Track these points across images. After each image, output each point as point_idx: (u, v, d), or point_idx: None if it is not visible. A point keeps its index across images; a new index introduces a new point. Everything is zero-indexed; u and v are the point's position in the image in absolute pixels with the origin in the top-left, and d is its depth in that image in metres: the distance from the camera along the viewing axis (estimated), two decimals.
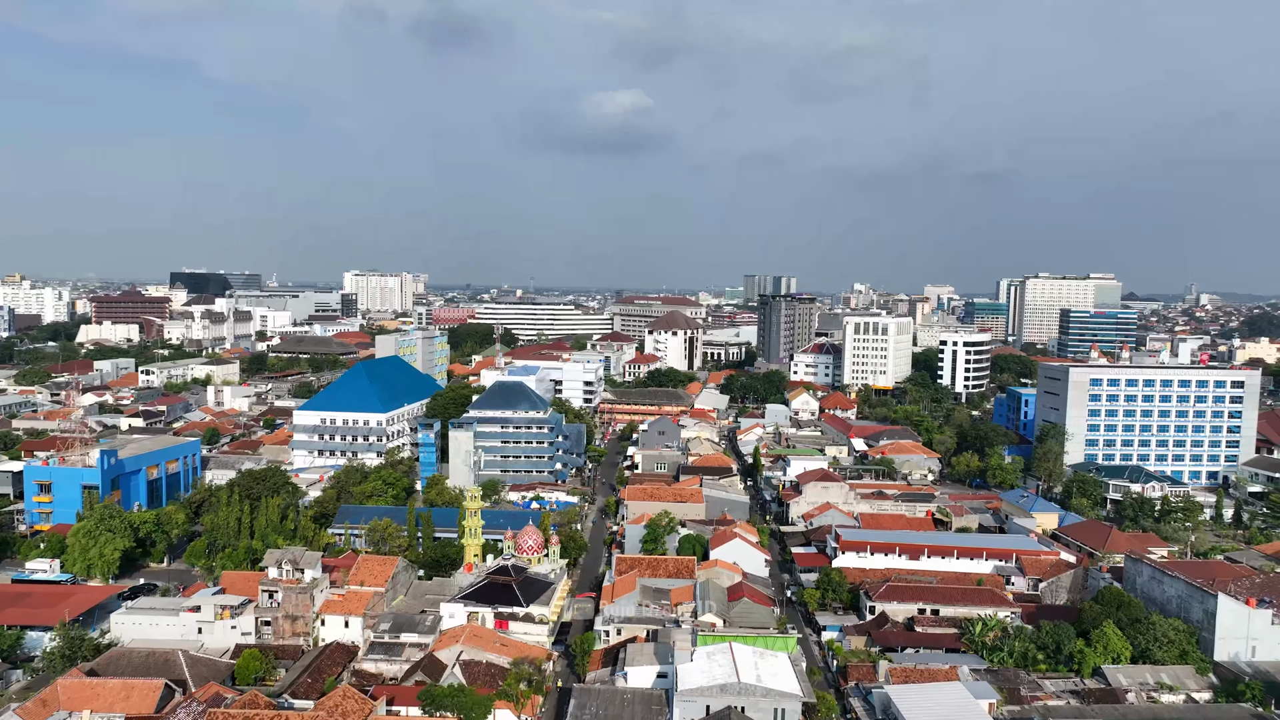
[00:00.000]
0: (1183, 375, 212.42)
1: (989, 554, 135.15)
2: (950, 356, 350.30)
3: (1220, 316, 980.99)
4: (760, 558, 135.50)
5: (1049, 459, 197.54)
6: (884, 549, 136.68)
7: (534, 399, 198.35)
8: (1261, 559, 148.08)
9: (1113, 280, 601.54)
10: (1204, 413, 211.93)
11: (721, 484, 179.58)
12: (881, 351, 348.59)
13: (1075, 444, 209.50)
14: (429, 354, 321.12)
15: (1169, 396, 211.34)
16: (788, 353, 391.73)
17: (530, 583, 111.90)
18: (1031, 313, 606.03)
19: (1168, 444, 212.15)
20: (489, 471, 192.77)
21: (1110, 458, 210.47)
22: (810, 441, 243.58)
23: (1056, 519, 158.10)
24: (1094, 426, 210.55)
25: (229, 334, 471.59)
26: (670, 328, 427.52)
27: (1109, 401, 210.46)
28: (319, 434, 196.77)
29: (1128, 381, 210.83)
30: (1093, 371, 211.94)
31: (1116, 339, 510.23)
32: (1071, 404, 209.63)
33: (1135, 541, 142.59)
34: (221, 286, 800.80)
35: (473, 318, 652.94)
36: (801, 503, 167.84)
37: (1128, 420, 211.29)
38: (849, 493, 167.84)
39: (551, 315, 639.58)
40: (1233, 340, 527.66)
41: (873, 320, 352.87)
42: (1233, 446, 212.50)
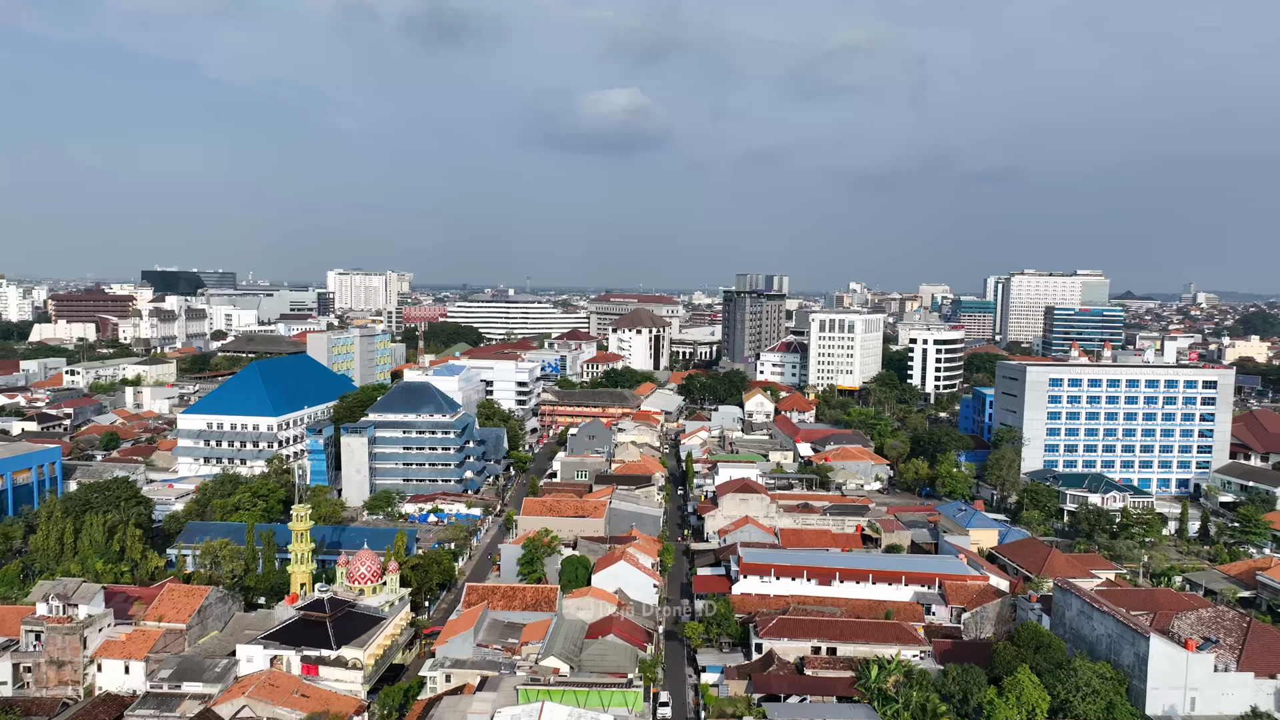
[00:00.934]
0: (1150, 375, 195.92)
1: (909, 579, 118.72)
2: (920, 356, 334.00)
3: (1216, 315, 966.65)
4: (649, 583, 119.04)
5: (1002, 466, 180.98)
6: (791, 572, 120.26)
7: (440, 400, 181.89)
8: (1224, 581, 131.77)
9: (1100, 277, 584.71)
10: (1173, 416, 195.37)
11: (636, 494, 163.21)
12: (848, 350, 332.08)
13: (1033, 449, 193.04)
14: (368, 353, 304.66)
15: (1135, 398, 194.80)
16: (754, 352, 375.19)
17: (351, 619, 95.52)
18: (1017, 310, 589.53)
19: (1134, 449, 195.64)
20: (389, 480, 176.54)
21: (1072, 464, 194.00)
22: (756, 446, 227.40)
23: (996, 535, 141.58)
24: (1054, 431, 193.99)
25: (179, 333, 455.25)
26: (634, 326, 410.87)
27: (1070, 403, 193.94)
28: (205, 440, 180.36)
29: (1090, 382, 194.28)
30: (1052, 370, 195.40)
31: (1102, 337, 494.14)
32: (1029, 406, 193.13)
33: (1078, 564, 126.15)
34: (194, 285, 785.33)
35: (444, 317, 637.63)
36: (718, 517, 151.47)
37: (1090, 424, 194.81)
38: (770, 506, 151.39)
39: (525, 314, 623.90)
40: (1223, 339, 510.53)
41: (839, 318, 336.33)
42: (1205, 452, 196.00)
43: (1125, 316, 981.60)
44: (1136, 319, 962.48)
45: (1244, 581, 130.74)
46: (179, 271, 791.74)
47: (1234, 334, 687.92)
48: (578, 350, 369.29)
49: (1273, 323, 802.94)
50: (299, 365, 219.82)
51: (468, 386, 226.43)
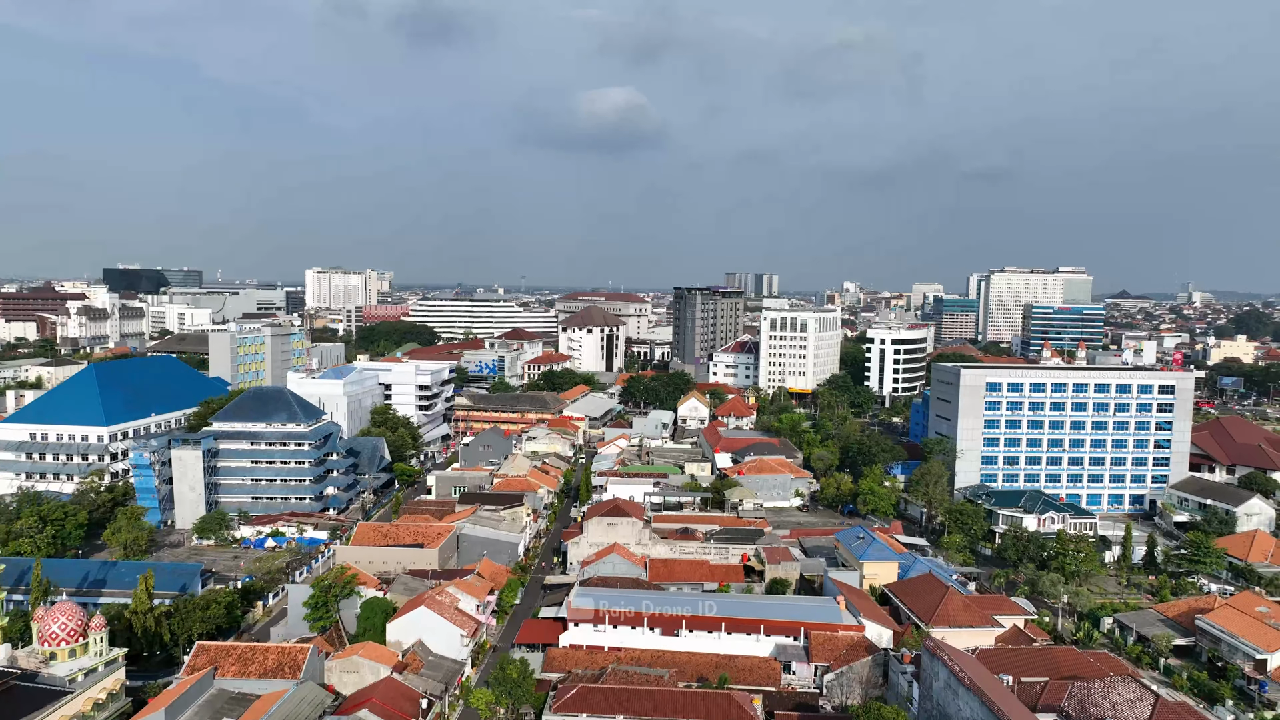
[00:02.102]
0: (1100, 379, 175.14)
1: (770, 628, 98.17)
2: (877, 356, 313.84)
3: (1209, 314, 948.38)
4: (456, 634, 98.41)
5: (928, 482, 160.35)
6: (629, 620, 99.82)
7: (295, 407, 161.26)
8: (1160, 624, 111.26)
9: (1083, 275, 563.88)
10: (1126, 424, 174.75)
11: (501, 516, 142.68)
12: (800, 351, 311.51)
13: (968, 462, 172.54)
14: (282, 354, 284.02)
15: (1083, 405, 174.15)
16: (706, 352, 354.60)
17: (14, 696, 74.94)
18: (997, 309, 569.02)
19: (1082, 462, 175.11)
20: (235, 499, 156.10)
21: (1013, 479, 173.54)
22: (675, 457, 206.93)
23: (895, 570, 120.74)
24: (992, 441, 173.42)
25: (113, 332, 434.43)
26: (585, 325, 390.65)
27: (1010, 411, 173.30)
28: (26, 453, 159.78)
29: (1033, 386, 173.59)
30: (989, 374, 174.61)
31: (1082, 337, 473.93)
32: (963, 413, 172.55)
33: (980, 608, 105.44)
34: (156, 283, 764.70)
35: (406, 316, 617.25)
36: (582, 544, 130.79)
37: (1033, 433, 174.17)
38: (642, 531, 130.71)
39: (491, 313, 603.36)
40: (1208, 339, 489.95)
41: (790, 316, 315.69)
42: (1161, 465, 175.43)
43: (1118, 316, 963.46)
44: (1128, 318, 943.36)
45: (1183, 626, 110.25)
46: (141, 270, 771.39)
47: (1226, 334, 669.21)
48: (518, 350, 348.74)
49: (1265, 322, 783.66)
50: (156, 368, 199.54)
51: (357, 391, 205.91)
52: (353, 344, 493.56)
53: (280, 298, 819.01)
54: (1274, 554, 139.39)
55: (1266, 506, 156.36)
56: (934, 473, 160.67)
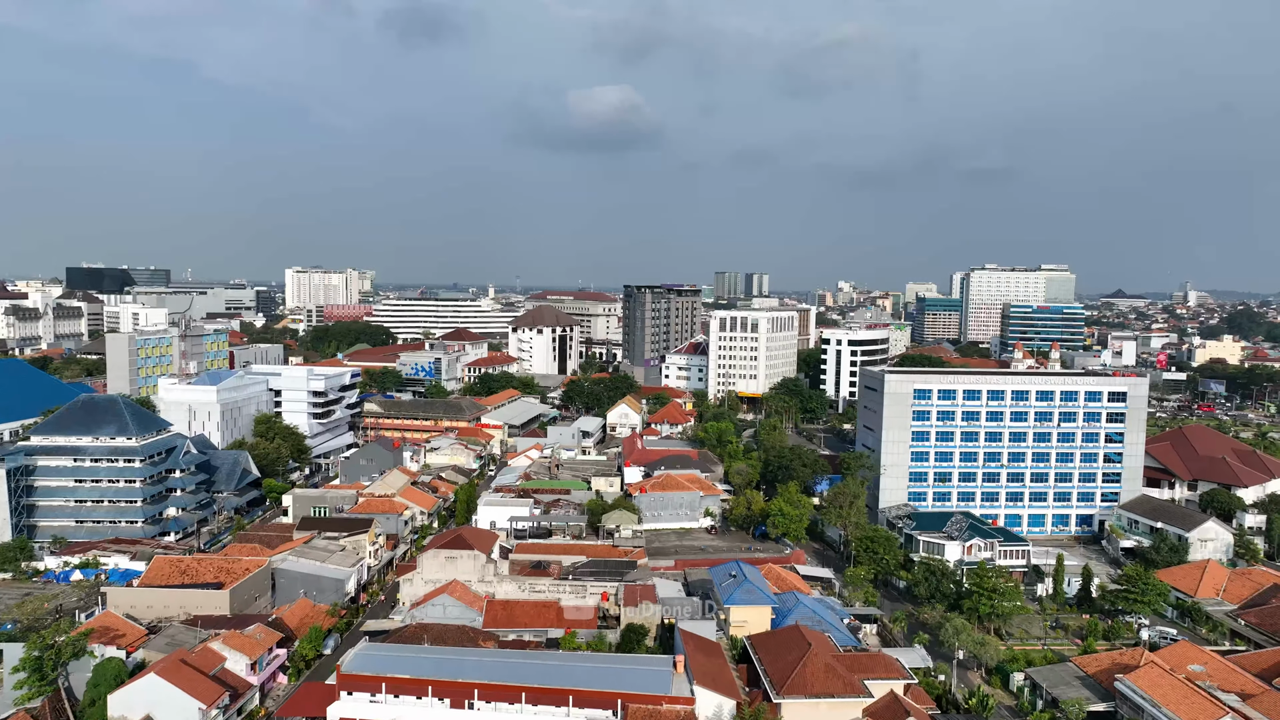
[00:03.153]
0: (1042, 385, 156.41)
1: (580, 699, 79.65)
2: (833, 359, 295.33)
3: (1202, 313, 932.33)
4: (193, 706, 79.91)
5: (843, 502, 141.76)
6: (414, 688, 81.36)
7: (126, 419, 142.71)
8: (1076, 685, 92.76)
9: (1065, 272, 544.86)
10: (1072, 436, 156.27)
11: (340, 545, 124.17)
12: (751, 353, 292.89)
13: (895, 480, 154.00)
14: (194, 357, 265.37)
15: (1023, 414, 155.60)
16: (658, 354, 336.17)
17: None
18: (977, 309, 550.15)
19: (1023, 478, 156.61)
20: (57, 522, 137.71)
21: (945, 498, 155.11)
22: (586, 470, 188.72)
23: (768, 615, 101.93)
24: (921, 455, 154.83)
25: (46, 333, 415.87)
26: (536, 325, 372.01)
27: (942, 420, 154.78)
28: None
29: (966, 394, 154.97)
30: (917, 379, 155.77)
31: (1063, 337, 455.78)
32: (889, 424, 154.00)
33: (847, 670, 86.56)
34: (120, 282, 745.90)
35: (369, 315, 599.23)
36: (416, 582, 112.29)
37: (968, 446, 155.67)
38: (486, 567, 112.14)
39: (456, 313, 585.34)
40: (1192, 339, 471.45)
41: (740, 315, 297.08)
42: (1112, 482, 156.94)
43: (1110, 315, 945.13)
44: (1120, 318, 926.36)
45: (1102, 686, 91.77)
46: (104, 268, 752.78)
47: (1218, 334, 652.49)
48: (459, 352, 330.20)
49: (1258, 322, 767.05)
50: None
51: (236, 398, 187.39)
52: (306, 344, 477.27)
53: (250, 297, 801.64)
54: (1227, 588, 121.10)
55: (1223, 531, 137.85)
56: (848, 492, 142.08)
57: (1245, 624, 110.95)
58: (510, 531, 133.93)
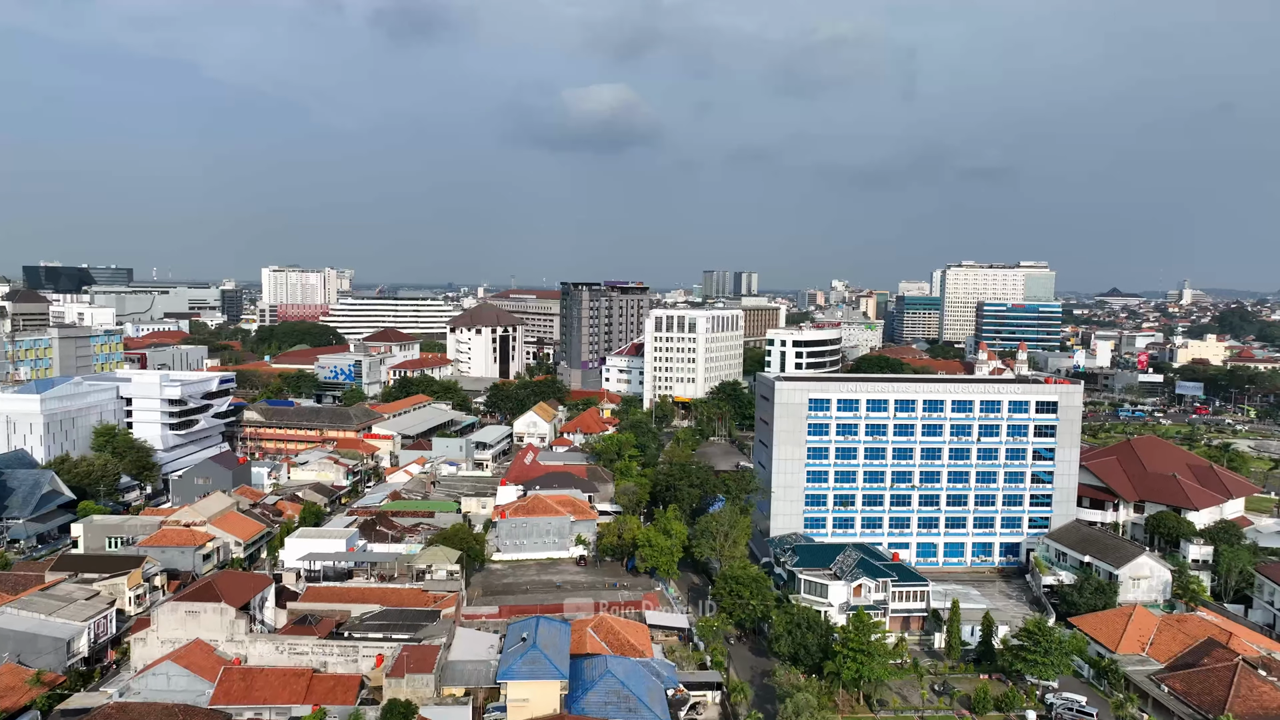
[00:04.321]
0: (959, 394, 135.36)
1: None
2: (777, 360, 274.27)
3: (1195, 312, 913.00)
4: None
5: (716, 531, 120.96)
6: None
7: None
8: None
9: (1045, 269, 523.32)
10: (994, 452, 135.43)
11: (92, 590, 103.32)
12: (689, 355, 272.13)
13: (788, 502, 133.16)
14: (78, 359, 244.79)
15: (937, 427, 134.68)
16: (598, 356, 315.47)
17: None
18: (954, 307, 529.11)
19: (938, 501, 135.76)
20: None
21: (847, 524, 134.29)
22: (463, 488, 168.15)
23: (557, 692, 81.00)
24: (819, 474, 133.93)
25: None
26: (474, 324, 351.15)
27: (843, 435, 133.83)
28: None
29: (871, 404, 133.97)
30: (813, 387, 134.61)
31: (1038, 336, 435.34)
32: (781, 439, 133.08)
33: None
34: (78, 281, 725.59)
35: (325, 315, 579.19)
36: (151, 642, 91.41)
37: (874, 464, 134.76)
38: (237, 623, 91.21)
39: (416, 312, 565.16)
40: (1174, 339, 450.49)
41: (678, 315, 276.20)
42: (1041, 505, 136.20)
43: (1101, 314, 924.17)
44: (1111, 316, 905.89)
45: None
46: (61, 267, 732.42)
47: (1209, 332, 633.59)
48: (383, 354, 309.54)
49: (1250, 320, 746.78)
50: None
51: (67, 408, 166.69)
52: (250, 345, 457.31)
53: (215, 297, 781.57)
54: (1156, 641, 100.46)
55: (1159, 568, 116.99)
56: (722, 520, 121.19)
57: (1168, 690, 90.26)
58: (301, 573, 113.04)
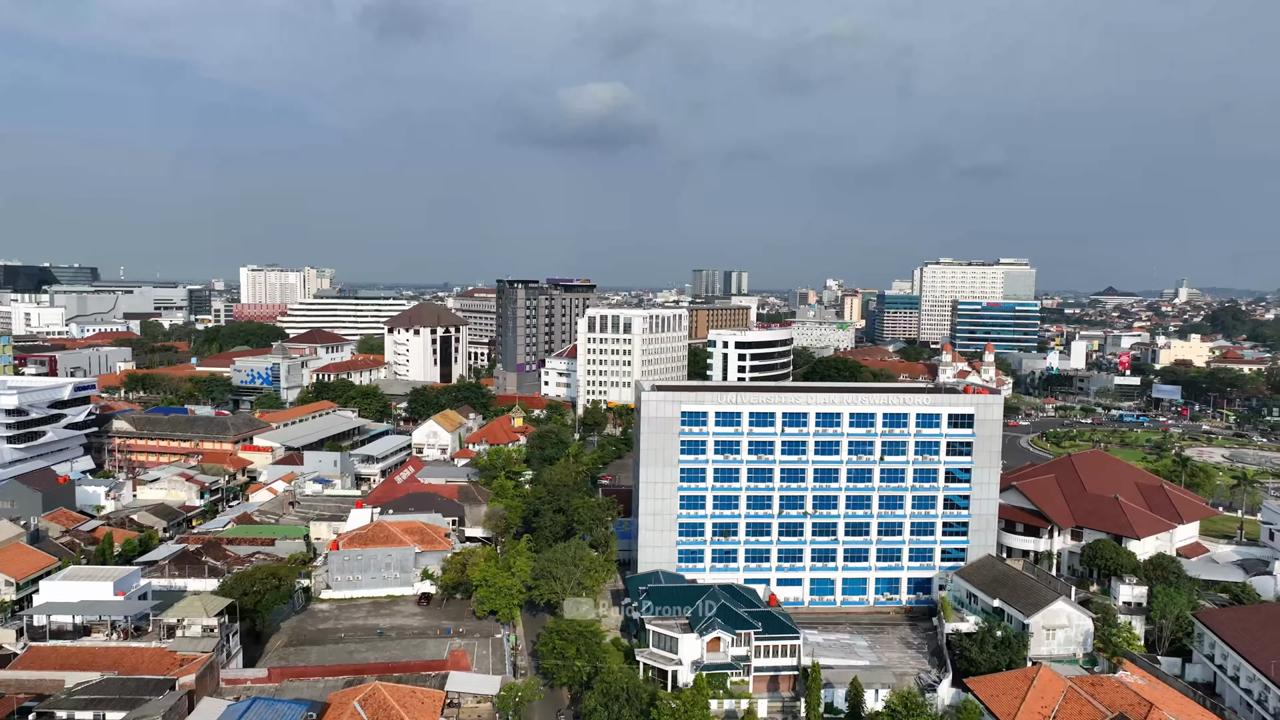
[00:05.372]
0: (860, 405, 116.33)
1: None
2: (719, 363, 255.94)
3: (1188, 311, 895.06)
4: None
5: (556, 571, 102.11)
6: None
7: None
8: None
9: (1025, 266, 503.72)
10: (900, 473, 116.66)
11: None
12: (624, 356, 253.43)
13: (659, 533, 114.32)
14: None
15: (833, 444, 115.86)
16: (536, 358, 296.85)
17: None
18: (931, 305, 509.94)
19: (835, 530, 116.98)
20: None
21: (728, 558, 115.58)
22: (324, 510, 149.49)
23: None
24: (694, 500, 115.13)
25: None
26: (412, 324, 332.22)
27: (723, 454, 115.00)
28: None
29: (755, 418, 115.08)
30: (687, 399, 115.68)
31: (1013, 336, 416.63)
32: (649, 458, 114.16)
33: None
34: (38, 280, 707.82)
35: (283, 315, 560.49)
36: None
37: (760, 487, 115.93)
38: None
39: (378, 312, 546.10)
40: (1157, 340, 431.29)
41: (613, 314, 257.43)
42: (957, 534, 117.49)
43: (1093, 314, 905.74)
44: (1103, 316, 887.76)
45: None
46: (20, 266, 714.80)
47: (1201, 331, 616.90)
48: (306, 356, 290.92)
49: (1243, 320, 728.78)
50: None
51: None
52: (195, 347, 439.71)
53: (182, 296, 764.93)
54: (1060, 714, 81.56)
55: (1079, 616, 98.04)
56: (563, 558, 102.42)
57: None
58: (24, 628, 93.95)
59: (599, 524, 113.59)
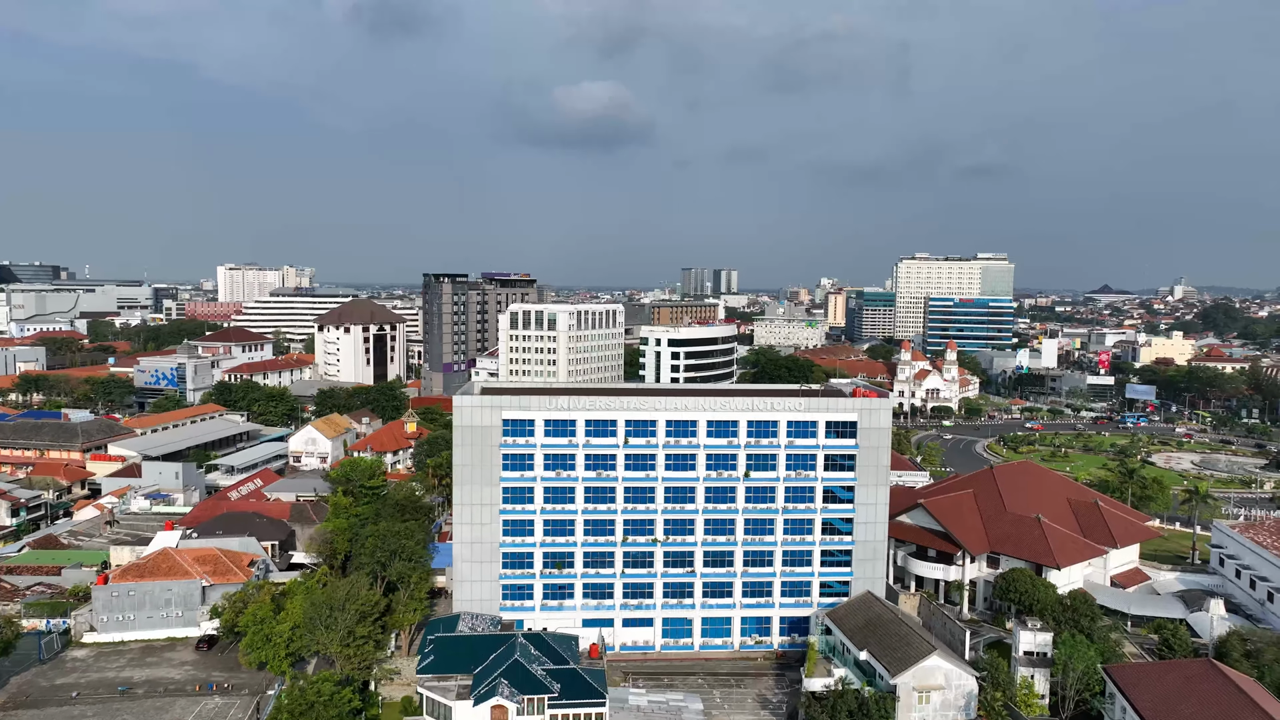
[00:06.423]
0: (720, 412, 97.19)
1: None
2: (652, 362, 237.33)
3: (1180, 308, 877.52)
4: None
5: (323, 620, 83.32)
6: None
7: None
8: None
9: (1004, 261, 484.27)
10: (769, 492, 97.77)
11: None
12: (549, 355, 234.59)
13: (477, 566, 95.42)
14: None
15: (688, 458, 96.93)
16: (467, 358, 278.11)
17: None
18: (906, 302, 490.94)
19: (690, 561, 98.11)
20: None
21: (563, 595, 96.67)
22: (145, 531, 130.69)
23: None
24: (521, 526, 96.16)
25: None
26: (343, 322, 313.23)
27: (555, 469, 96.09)
28: None
29: (594, 426, 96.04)
30: (510, 404, 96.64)
31: (987, 333, 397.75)
32: (463, 475, 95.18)
33: None
34: None
35: (238, 313, 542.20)
36: None
37: (600, 510, 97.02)
38: None
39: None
40: (1138, 337, 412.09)
41: (536, 310, 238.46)
42: (839, 564, 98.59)
43: (1084, 311, 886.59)
44: (1094, 313, 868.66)
45: None
46: None
47: (1192, 329, 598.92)
48: (218, 355, 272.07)
49: (1236, 317, 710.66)
50: None
51: None
52: (135, 346, 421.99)
53: (146, 295, 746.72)
54: None
55: (959, 674, 79.06)
56: (336, 595, 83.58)
57: None
58: None
59: (399, 554, 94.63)
